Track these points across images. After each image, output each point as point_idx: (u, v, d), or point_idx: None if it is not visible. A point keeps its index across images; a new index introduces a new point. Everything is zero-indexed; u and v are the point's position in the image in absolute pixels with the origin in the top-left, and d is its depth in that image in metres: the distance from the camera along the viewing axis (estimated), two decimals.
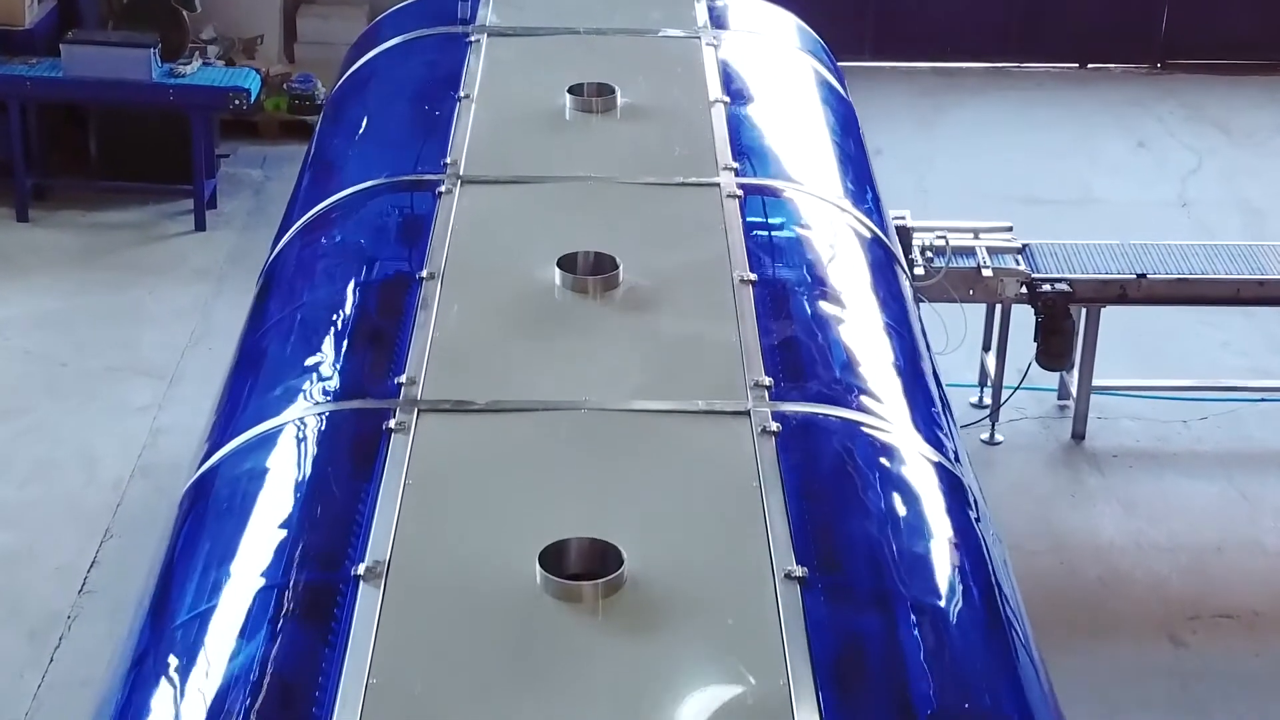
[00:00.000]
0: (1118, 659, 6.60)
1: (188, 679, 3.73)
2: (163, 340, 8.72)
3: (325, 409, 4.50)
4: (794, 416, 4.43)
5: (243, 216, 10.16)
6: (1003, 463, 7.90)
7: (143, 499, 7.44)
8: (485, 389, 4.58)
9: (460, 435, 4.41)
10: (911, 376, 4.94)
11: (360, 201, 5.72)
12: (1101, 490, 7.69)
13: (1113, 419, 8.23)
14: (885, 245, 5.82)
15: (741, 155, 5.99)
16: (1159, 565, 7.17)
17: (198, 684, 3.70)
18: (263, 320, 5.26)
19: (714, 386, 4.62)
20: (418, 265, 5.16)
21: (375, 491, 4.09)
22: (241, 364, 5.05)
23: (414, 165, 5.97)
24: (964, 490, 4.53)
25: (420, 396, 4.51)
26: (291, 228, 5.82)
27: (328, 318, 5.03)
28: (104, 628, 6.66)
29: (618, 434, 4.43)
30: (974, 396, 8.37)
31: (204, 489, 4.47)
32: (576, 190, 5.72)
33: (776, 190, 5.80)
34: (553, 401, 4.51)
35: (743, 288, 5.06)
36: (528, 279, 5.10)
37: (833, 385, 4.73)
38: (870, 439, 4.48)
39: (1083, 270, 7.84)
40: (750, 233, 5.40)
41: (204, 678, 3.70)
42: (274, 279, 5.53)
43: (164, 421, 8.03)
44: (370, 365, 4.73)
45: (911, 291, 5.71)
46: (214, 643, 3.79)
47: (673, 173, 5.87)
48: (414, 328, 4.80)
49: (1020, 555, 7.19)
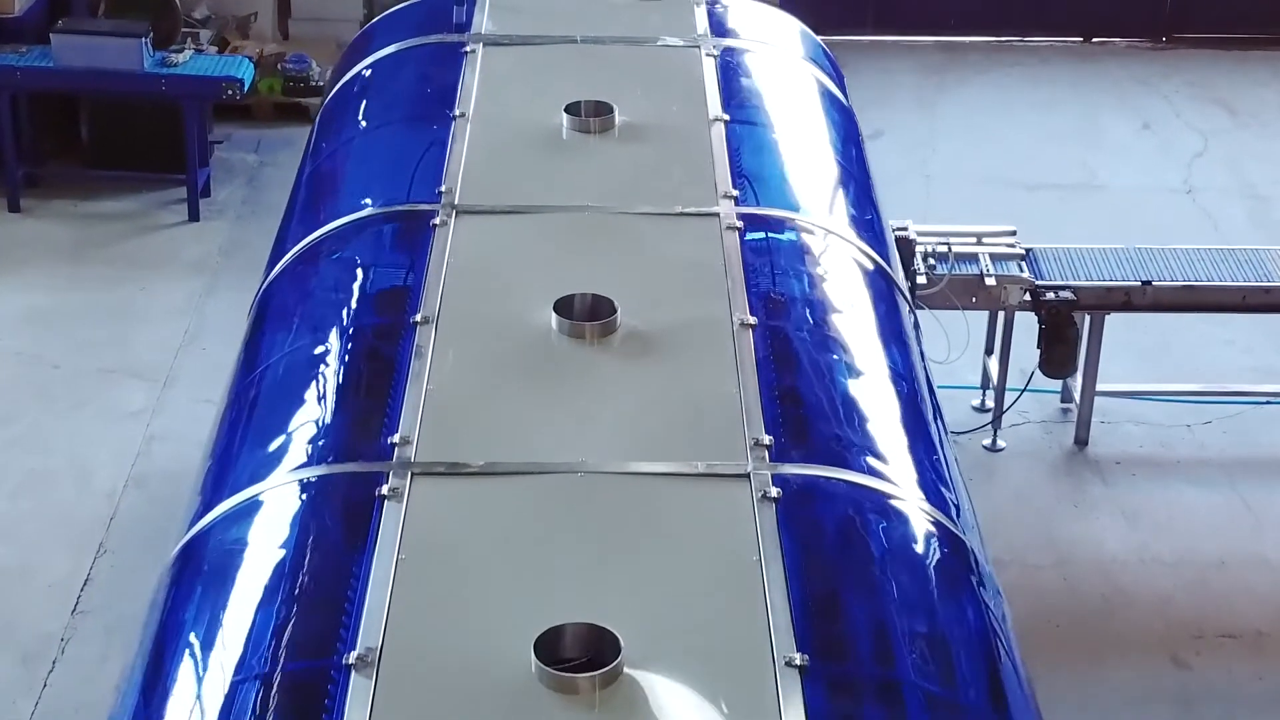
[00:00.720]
0: (1120, 682, 6.54)
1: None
2: (156, 339, 8.62)
3: (317, 472, 4.41)
4: (795, 480, 4.35)
5: (237, 205, 10.04)
6: (1005, 471, 7.82)
7: (136, 511, 7.36)
8: (481, 448, 4.50)
9: (455, 502, 4.33)
10: (915, 428, 4.85)
11: (353, 233, 5.62)
12: (1104, 500, 7.62)
13: (1116, 423, 8.15)
14: (887, 276, 5.72)
15: (741, 179, 5.89)
16: (1162, 582, 7.11)
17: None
18: (254, 364, 5.17)
19: (713, 444, 4.54)
20: (412, 309, 5.06)
21: (367, 568, 4.01)
22: (233, 412, 4.96)
23: (408, 193, 5.87)
24: (967, 553, 4.45)
25: (414, 458, 4.43)
26: (284, 257, 5.72)
27: (320, 367, 4.94)
28: (97, 650, 6.61)
29: (615, 500, 4.35)
30: (976, 399, 8.29)
31: (193, 555, 4.39)
32: (574, 221, 5.62)
33: (776, 221, 5.70)
34: (549, 464, 4.43)
35: (742, 333, 4.98)
36: (524, 324, 5.01)
37: (834, 443, 4.65)
38: (871, 504, 4.40)
39: (1087, 276, 7.74)
40: (750, 270, 5.30)
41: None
42: (265, 317, 5.44)
43: (157, 428, 7.94)
44: (363, 421, 4.64)
45: (914, 323, 5.62)
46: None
47: (672, 201, 5.76)
48: (408, 379, 4.71)
49: (1023, 570, 7.17)
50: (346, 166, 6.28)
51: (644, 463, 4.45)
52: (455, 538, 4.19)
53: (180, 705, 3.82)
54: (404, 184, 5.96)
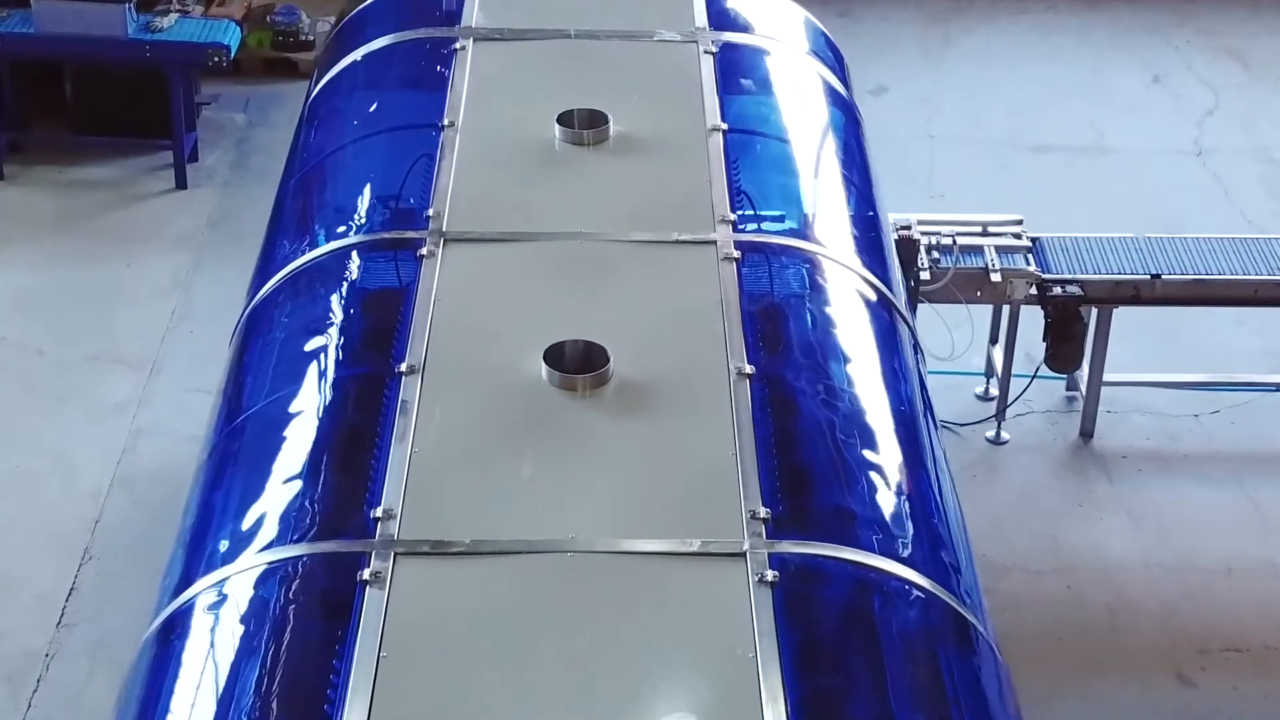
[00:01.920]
0: (1123, 703, 6.42)
1: None
2: (142, 322, 8.43)
3: (296, 552, 4.25)
4: (793, 560, 4.20)
5: (225, 171, 9.81)
6: (1008, 467, 7.66)
7: (122, 514, 7.22)
8: (468, 522, 4.35)
9: (440, 586, 4.18)
10: (920, 491, 4.69)
11: (338, 263, 5.42)
12: (1110, 500, 7.47)
13: (1122, 413, 7.98)
14: (890, 305, 5.53)
15: (740, 200, 5.70)
16: (1167, 590, 6.97)
17: None
18: (233, 413, 4.99)
19: (708, 517, 4.38)
20: (398, 356, 4.89)
21: (348, 666, 3.88)
22: (210, 471, 4.78)
23: (394, 217, 5.68)
24: (974, 638, 4.31)
25: (398, 535, 4.28)
26: (265, 285, 5.53)
27: (301, 423, 4.75)
28: (83, 668, 6.50)
29: (605, 582, 4.20)
30: (980, 387, 8.12)
31: (168, 638, 4.25)
32: (566, 251, 5.44)
33: (775, 249, 5.50)
34: (538, 542, 4.27)
35: (739, 384, 4.81)
36: (514, 374, 4.84)
37: (835, 515, 4.49)
38: (874, 588, 4.25)
39: (1095, 268, 7.54)
40: (747, 309, 5.12)
41: None
42: (245, 357, 5.25)
43: (143, 421, 7.78)
44: (345, 489, 4.47)
45: (916, 353, 5.44)
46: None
47: (668, 225, 5.57)
48: (392, 441, 4.55)
49: (1027, 577, 7.04)
50: (331, 182, 6.06)
51: (636, 540, 4.30)
52: (440, 629, 4.05)
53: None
54: (391, 206, 5.76)
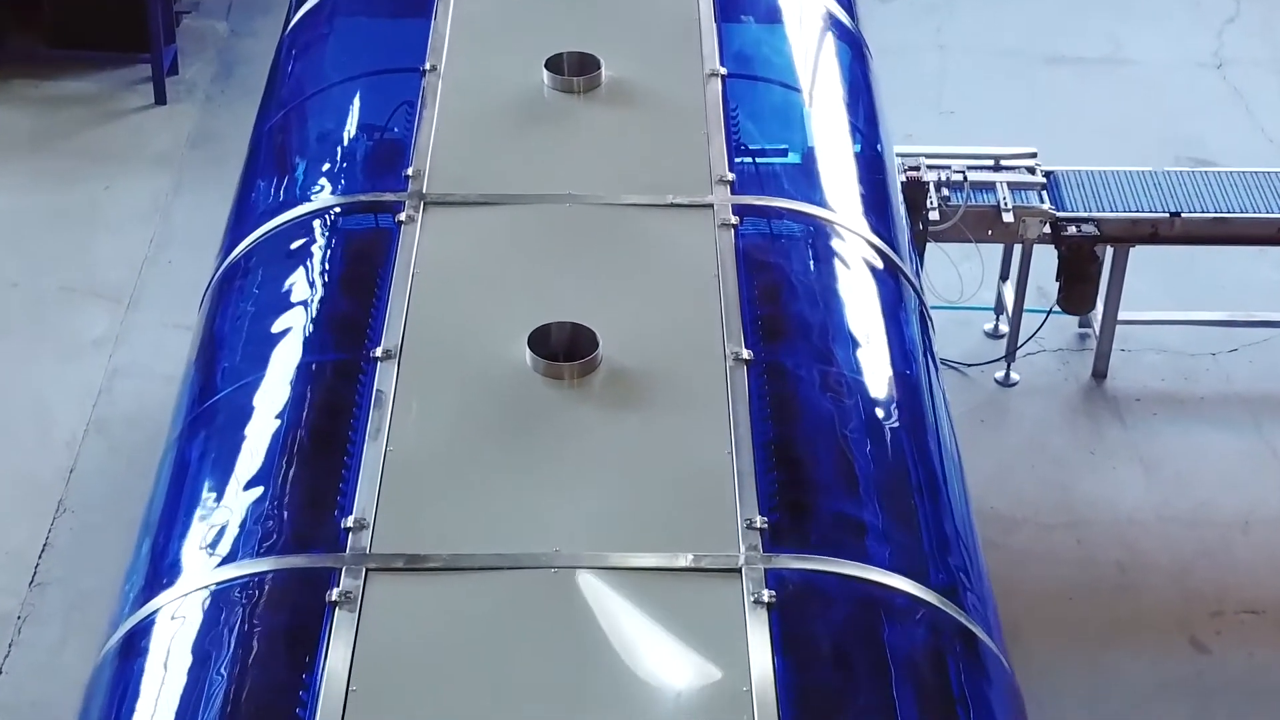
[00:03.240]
0: (1133, 672, 6.18)
1: None
2: (120, 251, 8.12)
3: (262, 569, 3.98)
4: (792, 578, 3.93)
5: (206, 85, 9.43)
6: (1018, 410, 7.38)
7: (98, 462, 6.96)
8: (444, 533, 4.07)
9: (413, 608, 3.92)
10: (930, 496, 4.40)
11: (311, 229, 5.10)
12: (1123, 445, 7.19)
13: (1136, 351, 7.68)
14: (899, 275, 5.21)
15: (738, 156, 5.37)
16: (1182, 546, 6.72)
17: None
18: (200, 396, 4.70)
19: (702, 526, 4.10)
20: (373, 339, 4.60)
21: (314, 701, 3.63)
22: (175, 465, 4.49)
23: (372, 176, 5.35)
24: (980, 650, 4.06)
25: (370, 548, 4.01)
26: (235, 249, 5.21)
27: (270, 416, 4.46)
28: (56, 633, 6.27)
29: (591, 602, 3.94)
30: (989, 324, 7.82)
31: (127, 657, 3.99)
32: (553, 216, 5.11)
33: (776, 213, 5.18)
34: (520, 556, 4.00)
35: (736, 371, 4.51)
36: (497, 360, 4.54)
37: (839, 523, 4.20)
38: (879, 607, 3.98)
39: (1111, 205, 7.20)
40: (747, 285, 4.81)
41: None
42: (213, 335, 4.94)
43: (120, 360, 7.50)
44: (314, 496, 4.19)
45: (927, 328, 5.14)
46: None
47: (661, 185, 5.25)
48: (366, 438, 4.27)
49: (1037, 530, 6.79)
50: (306, 132, 5.72)
51: (624, 554, 4.03)
52: (411, 657, 3.80)
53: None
54: (369, 163, 5.43)
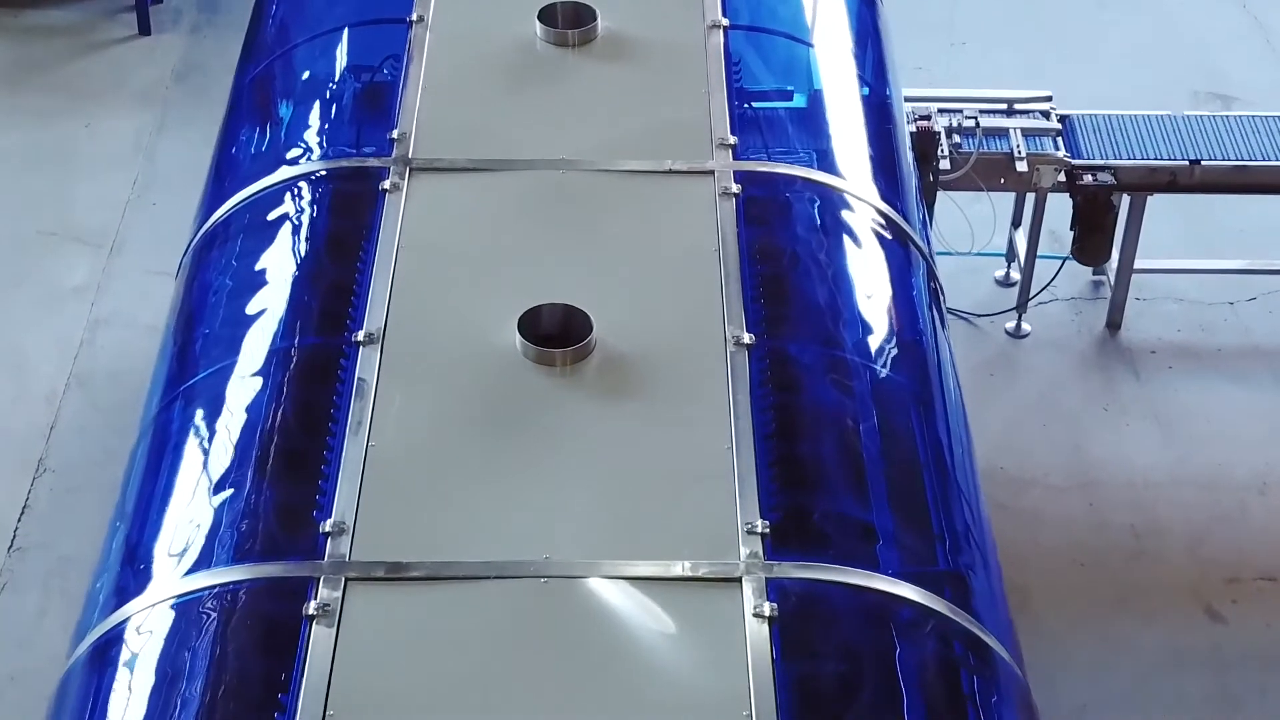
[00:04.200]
0: (1147, 643, 5.98)
1: None
2: (101, 192, 7.85)
3: (236, 578, 3.77)
4: (794, 589, 3.72)
5: (192, 13, 9.12)
6: (1030, 364, 7.14)
7: (79, 419, 6.74)
8: (428, 539, 3.86)
9: (395, 621, 3.71)
10: (942, 495, 4.17)
11: (291, 197, 4.85)
12: (1137, 402, 6.96)
13: (1152, 300, 7.43)
14: (910, 244, 4.96)
15: (741, 116, 5.10)
16: (1197, 509, 6.50)
17: None
18: (174, 379, 4.46)
19: (700, 532, 3.88)
20: (355, 321, 4.37)
21: None
22: (147, 457, 4.26)
23: (356, 138, 5.09)
24: (994, 661, 3.85)
25: (350, 555, 3.80)
26: (213, 215, 4.96)
27: (245, 405, 4.22)
28: (35, 601, 6.08)
29: (583, 614, 3.72)
30: (1000, 271, 7.56)
31: (94, 669, 3.79)
32: (545, 184, 4.86)
33: (781, 181, 4.92)
34: (509, 565, 3.79)
35: (737, 357, 4.28)
36: (485, 348, 4.31)
37: (844, 526, 3.99)
38: (888, 619, 3.77)
39: (1129, 151, 6.93)
40: (749, 261, 4.57)
41: None
42: (189, 311, 4.70)
43: (102, 309, 7.25)
44: (292, 496, 3.97)
45: (939, 304, 4.90)
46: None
47: (659, 149, 4.99)
48: (347, 432, 4.05)
49: (1047, 494, 6.57)
50: (288, 88, 5.44)
51: (618, 562, 3.82)
52: (395, 673, 3.59)
53: None
54: (352, 124, 5.17)
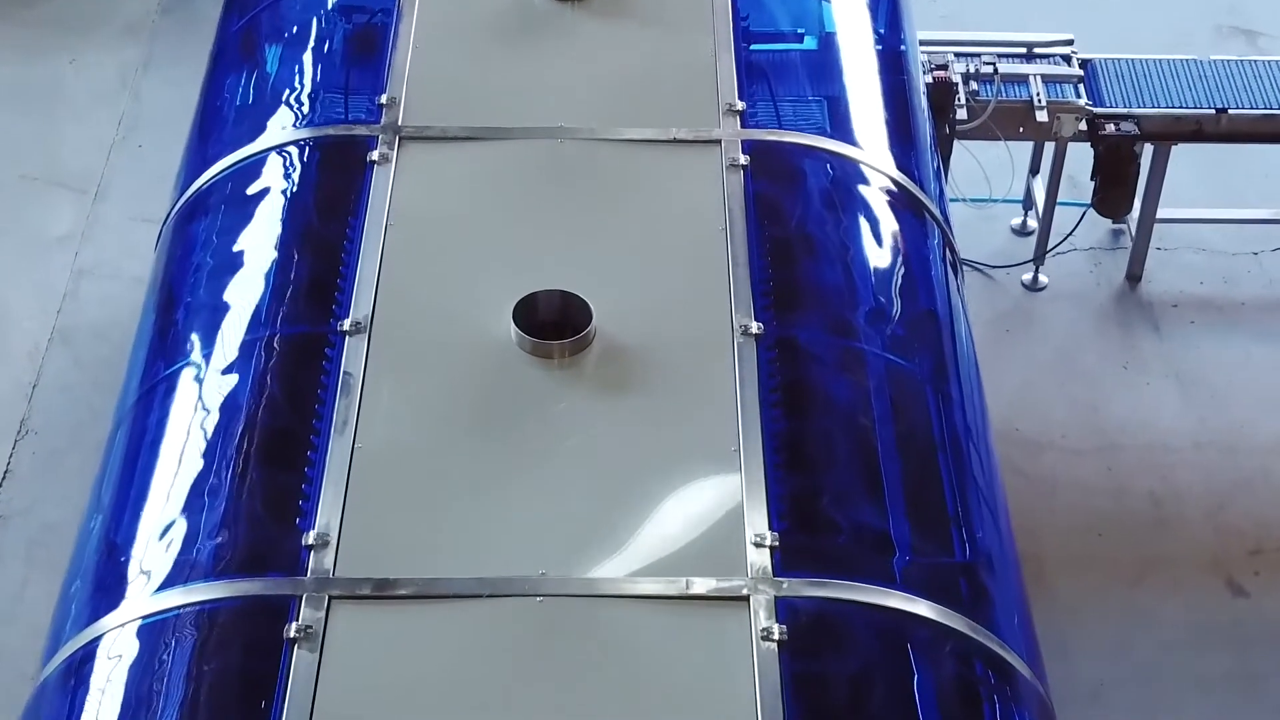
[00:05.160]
0: (1167, 619, 5.78)
1: None
2: (86, 133, 7.58)
3: (212, 596, 3.55)
4: (806, 608, 3.51)
5: None
6: (1046, 318, 6.89)
7: (62, 377, 6.51)
8: (418, 553, 3.64)
9: (382, 643, 3.50)
10: (964, 503, 3.94)
11: (273, 168, 4.60)
12: (1157, 358, 6.72)
13: (1174, 250, 7.17)
14: (927, 215, 4.71)
15: (750, 78, 4.84)
16: (1218, 475, 6.28)
17: None
18: (151, 368, 4.23)
19: (704, 543, 3.67)
20: (341, 308, 4.13)
21: None
22: (120, 456, 4.04)
23: (342, 103, 4.83)
24: (1019, 685, 3.65)
25: (334, 571, 3.59)
26: (193, 183, 4.72)
27: (224, 402, 3.99)
28: (17, 573, 5.88)
29: (581, 636, 3.52)
30: (1017, 219, 7.29)
31: (63, 691, 3.59)
32: (543, 154, 4.61)
33: (793, 150, 4.66)
34: (503, 582, 3.57)
35: (745, 347, 4.05)
36: (478, 339, 4.08)
37: (859, 537, 3.76)
38: (906, 640, 3.56)
39: (1153, 98, 6.64)
40: (758, 241, 4.32)
41: None
42: (167, 291, 4.45)
43: (87, 259, 7.01)
44: (272, 504, 3.75)
45: (963, 298, 4.65)
46: None
47: (663, 115, 4.74)
48: (331, 433, 3.83)
49: (1064, 457, 6.36)
50: (270, 47, 5.16)
51: (618, 579, 3.60)
52: (381, 702, 3.39)
53: None
54: (338, 86, 4.90)
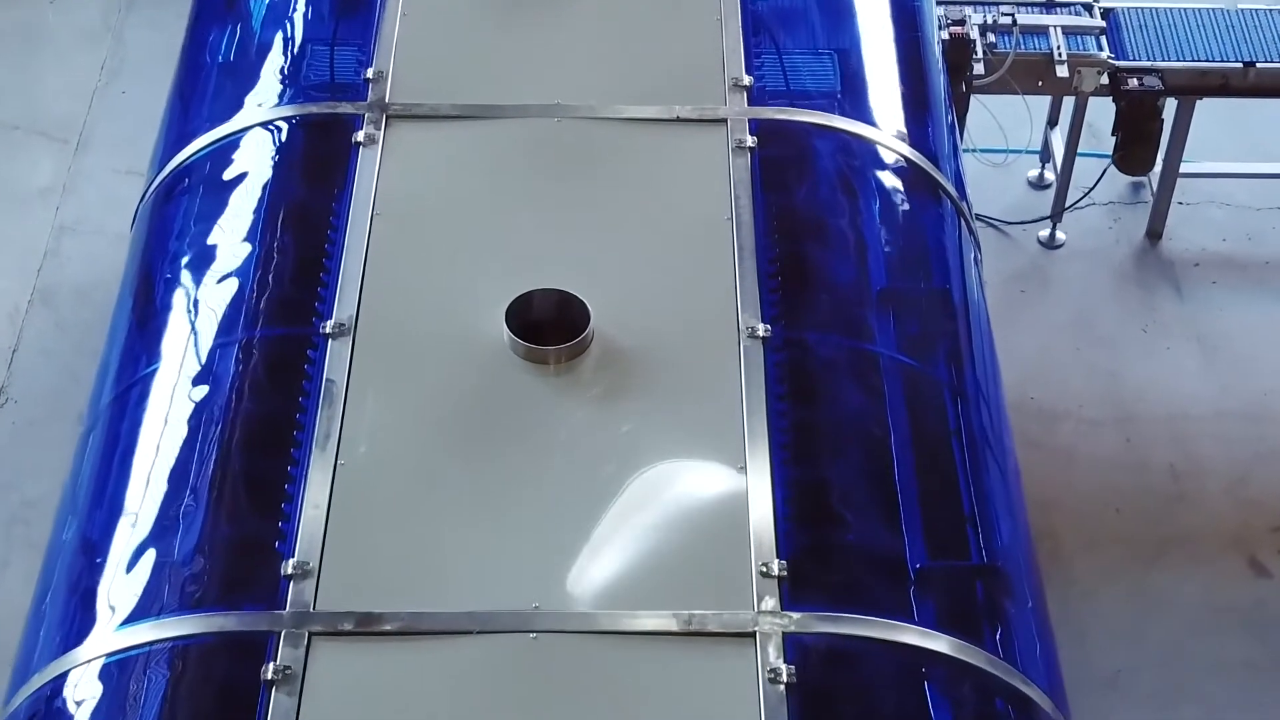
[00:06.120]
0: (1185, 600, 5.59)
1: None
2: (68, 79, 7.31)
3: (185, 632, 3.35)
4: (815, 646, 3.31)
5: None
6: (1064, 279, 6.64)
7: (43, 341, 6.28)
8: (404, 585, 3.44)
9: (362, 683, 3.29)
10: (984, 523, 3.72)
11: (252, 151, 4.34)
12: (1178, 322, 6.48)
13: (1196, 205, 6.92)
14: (949, 205, 4.45)
15: (758, 50, 4.58)
16: (1241, 446, 6.05)
17: None
18: (124, 370, 4.00)
19: (707, 571, 3.47)
20: (325, 307, 3.91)
21: None
22: (89, 473, 3.81)
23: (327, 79, 4.57)
24: None
25: (315, 603, 3.38)
26: (169, 163, 4.46)
27: (199, 414, 3.76)
28: None
29: (576, 674, 3.32)
30: (1034, 170, 7.03)
31: None
32: (538, 135, 4.36)
33: (803, 130, 4.40)
34: (493, 618, 3.37)
35: (752, 351, 3.82)
36: (470, 342, 3.85)
37: (872, 565, 3.55)
38: (921, 683, 3.36)
39: (1178, 51, 6.36)
40: (765, 232, 4.08)
41: None
42: (141, 287, 4.21)
43: (69, 214, 6.76)
44: (249, 527, 3.54)
45: (982, 287, 4.41)
46: None
47: (665, 91, 4.48)
48: (313, 448, 3.61)
49: (1081, 428, 6.14)
50: (253, 15, 4.89)
51: (616, 612, 3.40)
52: None
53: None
54: (323, 61, 4.63)
